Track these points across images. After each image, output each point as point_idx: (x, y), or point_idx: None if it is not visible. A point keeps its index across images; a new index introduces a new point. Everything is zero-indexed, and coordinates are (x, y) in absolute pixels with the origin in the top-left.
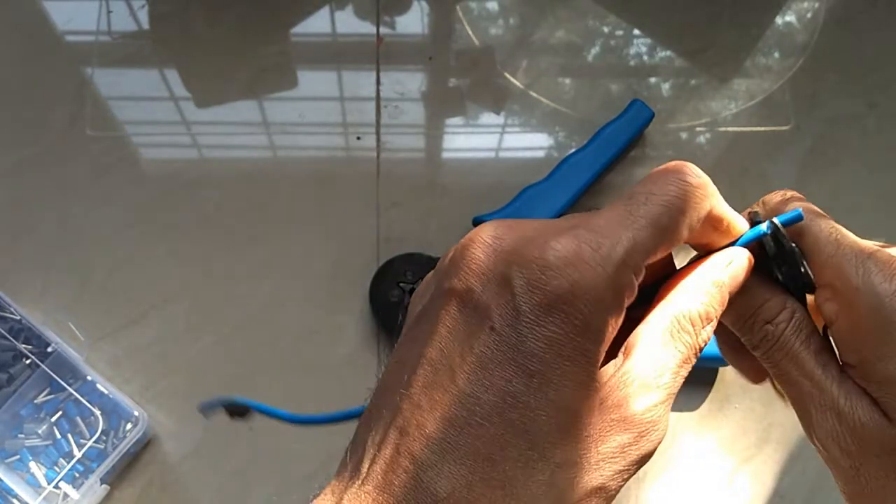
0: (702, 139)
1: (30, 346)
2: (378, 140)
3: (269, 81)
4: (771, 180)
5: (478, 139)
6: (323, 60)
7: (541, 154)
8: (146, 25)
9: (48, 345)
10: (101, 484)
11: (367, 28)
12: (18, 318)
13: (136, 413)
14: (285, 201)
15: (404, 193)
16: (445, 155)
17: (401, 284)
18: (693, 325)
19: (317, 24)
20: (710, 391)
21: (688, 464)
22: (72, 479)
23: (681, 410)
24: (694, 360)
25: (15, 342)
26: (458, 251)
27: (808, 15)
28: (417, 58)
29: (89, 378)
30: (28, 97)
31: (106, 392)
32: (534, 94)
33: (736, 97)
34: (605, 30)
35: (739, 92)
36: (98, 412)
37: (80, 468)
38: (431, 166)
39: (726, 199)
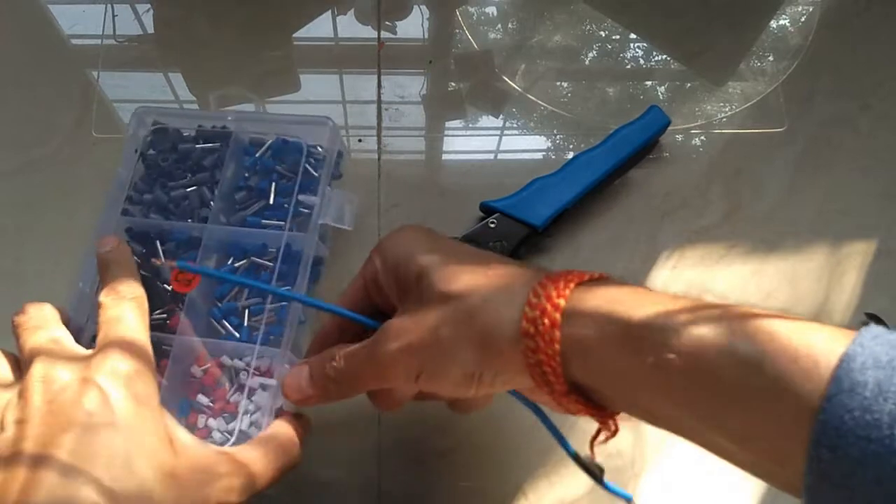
0: (697, 141)
1: None
2: (379, 142)
3: (272, 85)
4: (765, 182)
5: (477, 141)
6: (325, 64)
7: (539, 156)
8: (151, 29)
9: None
10: None
11: (369, 33)
12: None
13: None
14: None
15: (405, 194)
16: (445, 157)
17: None
18: None
19: (319, 28)
20: None
21: (683, 461)
22: None
23: None
24: None
25: None
26: None
27: (802, 19)
28: (418, 62)
29: None
30: (34, 100)
31: None
32: (532, 98)
33: (731, 100)
34: (602, 34)
35: (734, 95)
36: None
37: None
38: (432, 168)
39: (723, 199)
